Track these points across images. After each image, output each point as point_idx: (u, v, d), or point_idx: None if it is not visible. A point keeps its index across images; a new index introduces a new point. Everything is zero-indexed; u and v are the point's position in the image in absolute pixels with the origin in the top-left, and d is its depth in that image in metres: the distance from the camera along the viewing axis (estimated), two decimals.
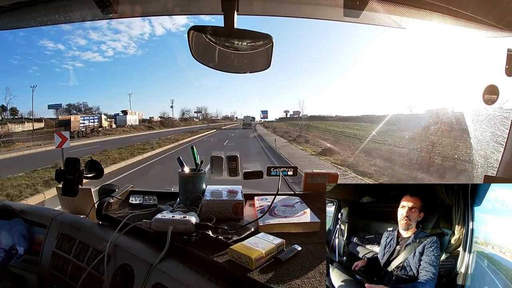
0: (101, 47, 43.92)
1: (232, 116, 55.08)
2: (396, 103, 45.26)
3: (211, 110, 67.77)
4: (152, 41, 54.21)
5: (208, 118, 47.70)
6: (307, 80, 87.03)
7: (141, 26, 48.60)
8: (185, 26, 53.66)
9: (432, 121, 10.75)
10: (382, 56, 66.26)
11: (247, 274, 0.72)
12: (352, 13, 0.95)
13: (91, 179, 1.12)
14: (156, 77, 64.49)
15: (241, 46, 0.88)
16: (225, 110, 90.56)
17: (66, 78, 38.21)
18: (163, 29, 53.37)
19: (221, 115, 52.93)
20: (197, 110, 48.08)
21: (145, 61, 58.10)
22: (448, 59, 14.35)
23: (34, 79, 37.27)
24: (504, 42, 1.01)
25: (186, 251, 0.85)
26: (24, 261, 1.16)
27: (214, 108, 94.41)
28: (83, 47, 40.45)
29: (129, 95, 41.17)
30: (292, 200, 1.14)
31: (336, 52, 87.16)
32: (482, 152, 1.26)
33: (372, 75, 66.37)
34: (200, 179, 1.18)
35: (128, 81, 55.65)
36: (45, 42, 34.92)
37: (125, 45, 49.15)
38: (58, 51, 37.71)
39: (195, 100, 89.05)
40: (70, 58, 38.90)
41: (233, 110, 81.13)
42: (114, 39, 43.99)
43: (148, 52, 56.38)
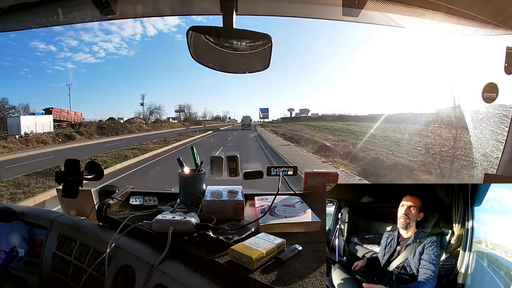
0: (92, 48, 42.99)
1: (224, 116, 48.39)
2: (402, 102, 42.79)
3: (197, 109, 60.28)
4: (144, 42, 52.32)
5: (191, 119, 38.63)
6: (313, 76, 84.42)
7: (132, 27, 47.37)
8: (177, 27, 51.98)
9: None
10: (381, 55, 66.07)
11: (248, 274, 0.72)
12: (351, 12, 0.94)
13: (91, 180, 1.12)
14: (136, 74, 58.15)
15: (240, 46, 0.88)
16: (216, 110, 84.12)
17: (57, 79, 36.95)
18: (155, 29, 51.86)
19: (211, 115, 45.09)
20: (178, 109, 38.38)
21: (135, 61, 54.70)
22: (448, 57, 14.35)
23: (26, 80, 35.66)
24: (503, 40, 1.01)
25: (187, 252, 0.85)
26: (25, 263, 1.16)
27: (202, 107, 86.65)
28: (74, 48, 39.49)
29: (69, 85, 30.65)
30: (292, 200, 1.14)
31: (346, 50, 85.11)
32: (481, 151, 1.26)
33: (374, 74, 65.97)
34: (200, 180, 1.18)
35: (119, 82, 52.99)
36: (36, 43, 34.10)
37: (117, 46, 47.73)
38: (50, 52, 37.08)
39: (183, 99, 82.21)
40: (62, 59, 38.09)
41: (226, 109, 76.82)
42: (106, 40, 42.81)
43: (139, 52, 54.00)
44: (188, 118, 38.64)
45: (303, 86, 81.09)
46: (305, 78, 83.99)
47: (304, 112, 41.56)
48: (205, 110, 55.10)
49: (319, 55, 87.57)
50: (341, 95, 72.47)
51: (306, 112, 41.30)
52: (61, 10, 0.99)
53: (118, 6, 0.94)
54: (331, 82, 79.22)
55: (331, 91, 75.95)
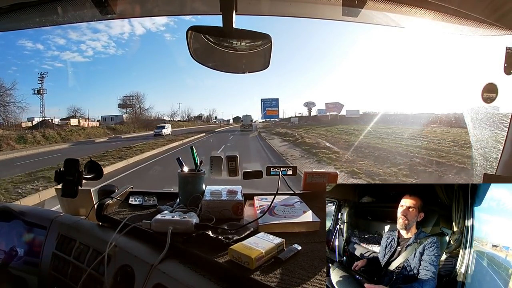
0: (80, 47, 41.84)
1: (209, 116, 36.89)
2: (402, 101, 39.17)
3: (163, 107, 39.56)
4: (132, 40, 49.14)
5: (142, 119, 24.34)
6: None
7: (120, 26, 45.74)
8: (165, 26, 50.69)
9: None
10: (381, 55, 65.57)
11: (247, 274, 0.72)
12: (350, 12, 0.95)
13: (91, 180, 1.12)
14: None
15: (240, 46, 0.88)
16: (197, 107, 71.12)
17: (47, 79, 35.71)
18: (143, 28, 49.63)
19: (189, 114, 32.10)
20: (122, 103, 23.93)
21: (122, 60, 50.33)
22: (447, 57, 14.32)
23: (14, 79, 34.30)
24: (503, 41, 1.01)
25: (186, 252, 0.85)
26: (24, 263, 1.16)
27: (175, 102, 63.66)
28: (62, 46, 38.24)
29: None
30: (292, 200, 1.14)
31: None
32: (481, 151, 1.26)
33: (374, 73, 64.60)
34: (200, 179, 1.18)
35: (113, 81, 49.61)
36: (23, 41, 33.18)
37: (105, 44, 46.14)
38: (37, 51, 35.98)
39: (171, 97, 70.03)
40: (50, 58, 37.03)
41: (212, 107, 60.20)
42: (94, 39, 41.40)
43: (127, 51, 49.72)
44: (139, 117, 24.82)
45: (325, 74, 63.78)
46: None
47: (334, 106, 26.42)
48: (179, 106, 35.20)
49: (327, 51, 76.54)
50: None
51: (338, 108, 26.41)
52: (61, 9, 0.99)
53: (118, 5, 0.95)
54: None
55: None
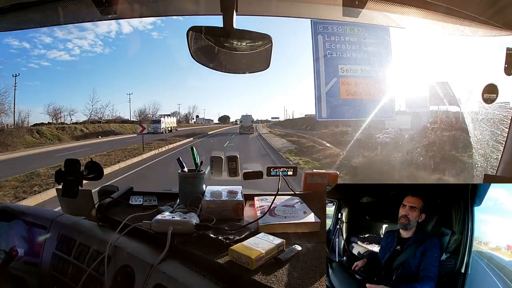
0: (67, 45, 40.93)
1: (189, 114, 30.32)
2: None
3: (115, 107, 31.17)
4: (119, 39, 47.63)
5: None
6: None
7: (107, 24, 44.30)
8: (152, 24, 48.89)
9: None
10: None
11: (247, 275, 0.72)
12: (351, 12, 0.95)
13: (91, 180, 1.12)
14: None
15: (240, 47, 0.88)
16: (169, 105, 57.29)
17: (32, 77, 34.48)
18: (130, 26, 47.30)
19: (154, 111, 24.60)
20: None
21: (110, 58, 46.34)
22: (448, 58, 14.32)
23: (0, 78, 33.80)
24: (503, 41, 1.01)
25: (187, 252, 0.85)
26: (25, 263, 1.16)
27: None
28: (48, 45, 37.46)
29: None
30: (292, 200, 1.14)
31: None
32: (481, 151, 1.26)
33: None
34: (200, 180, 1.18)
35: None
36: (9, 40, 32.32)
37: (92, 43, 44.31)
38: (24, 49, 35.44)
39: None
40: (36, 57, 36.26)
41: (193, 104, 45.24)
42: (81, 37, 40.22)
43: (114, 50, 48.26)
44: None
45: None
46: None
47: None
48: (145, 106, 27.30)
49: None
50: None
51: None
52: (62, 9, 0.99)
53: (118, 5, 0.95)
54: None
55: None
